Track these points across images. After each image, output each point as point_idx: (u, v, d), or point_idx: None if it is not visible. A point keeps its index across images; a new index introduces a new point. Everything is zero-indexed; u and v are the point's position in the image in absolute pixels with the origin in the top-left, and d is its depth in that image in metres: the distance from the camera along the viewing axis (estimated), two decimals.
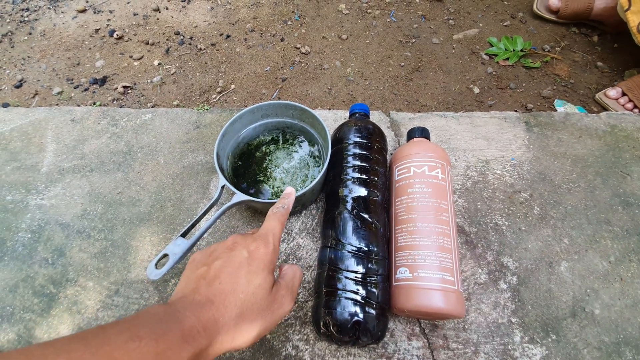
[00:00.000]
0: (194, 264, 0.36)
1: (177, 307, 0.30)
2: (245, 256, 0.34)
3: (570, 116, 0.67)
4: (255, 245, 0.35)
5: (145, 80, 0.89)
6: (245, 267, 0.33)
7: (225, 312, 0.30)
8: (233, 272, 0.33)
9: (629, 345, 0.47)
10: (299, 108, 0.56)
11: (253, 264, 0.33)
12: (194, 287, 0.32)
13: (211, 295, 0.31)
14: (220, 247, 0.36)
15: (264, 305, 0.33)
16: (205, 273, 0.33)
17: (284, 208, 0.41)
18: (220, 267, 0.33)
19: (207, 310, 0.30)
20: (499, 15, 1.00)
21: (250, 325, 0.31)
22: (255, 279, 0.33)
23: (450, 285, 0.42)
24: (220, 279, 0.32)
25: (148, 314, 0.28)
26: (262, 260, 0.34)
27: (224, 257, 0.34)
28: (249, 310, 0.32)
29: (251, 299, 0.32)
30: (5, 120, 0.71)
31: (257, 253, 0.34)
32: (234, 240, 0.36)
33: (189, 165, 0.63)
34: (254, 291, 0.32)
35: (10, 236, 0.58)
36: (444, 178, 0.49)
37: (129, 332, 0.25)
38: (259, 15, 1.01)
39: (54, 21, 1.02)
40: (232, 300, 0.31)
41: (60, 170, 0.64)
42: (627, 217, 0.56)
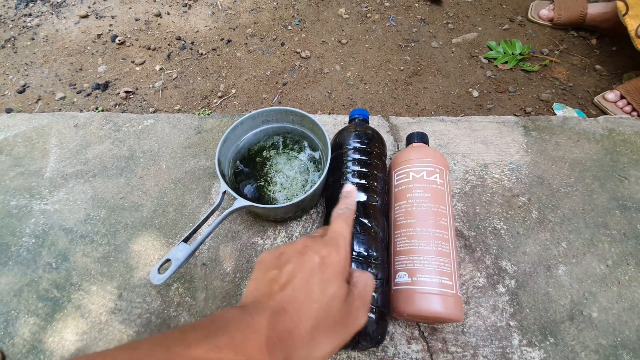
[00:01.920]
0: (262, 265, 0.34)
1: (252, 312, 0.28)
2: (317, 262, 0.32)
3: (568, 120, 0.67)
4: (327, 250, 0.33)
5: (147, 85, 0.90)
6: (319, 274, 0.31)
7: (300, 323, 0.28)
8: (306, 279, 0.30)
9: (626, 348, 0.47)
10: (299, 114, 0.56)
11: (326, 271, 0.31)
12: (266, 292, 0.31)
13: (285, 303, 0.29)
14: (289, 249, 0.34)
15: (339, 317, 0.30)
16: (276, 277, 0.31)
17: (348, 209, 0.39)
18: (293, 272, 0.31)
19: (282, 320, 0.28)
20: (497, 19, 1.01)
21: (325, 339, 0.29)
22: (330, 287, 0.30)
23: (449, 289, 0.43)
24: (293, 284, 0.30)
25: (224, 319, 0.27)
26: (336, 267, 0.32)
27: (295, 261, 0.32)
28: (324, 322, 0.29)
29: (326, 309, 0.29)
30: (9, 126, 0.72)
31: (330, 259, 0.32)
32: (304, 243, 0.34)
33: (191, 170, 0.64)
34: (328, 301, 0.30)
35: (15, 241, 0.59)
36: (442, 183, 0.50)
37: (208, 342, 0.24)
38: (260, 20, 1.02)
39: (57, 27, 1.03)
40: (307, 311, 0.29)
41: (63, 175, 0.64)
42: (624, 221, 0.56)
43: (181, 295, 0.52)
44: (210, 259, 0.55)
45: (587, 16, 0.94)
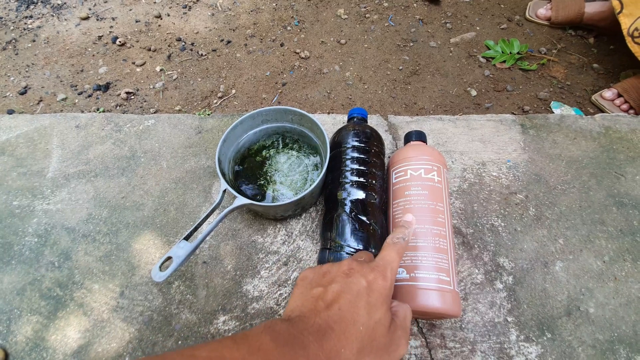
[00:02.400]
0: (306, 281, 0.34)
1: (299, 328, 0.28)
2: (364, 285, 0.31)
3: (565, 118, 0.68)
4: (373, 275, 0.32)
5: (148, 86, 0.90)
6: (365, 298, 0.31)
7: (346, 344, 0.28)
8: (352, 301, 0.30)
9: (623, 343, 0.48)
10: (298, 113, 0.57)
11: (372, 296, 0.31)
12: (311, 308, 0.30)
13: (331, 322, 0.29)
14: (334, 269, 0.34)
15: (383, 344, 0.30)
16: (322, 294, 0.31)
17: (404, 240, 0.39)
18: (339, 292, 0.31)
19: (328, 339, 0.28)
20: (495, 18, 1.02)
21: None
22: (376, 313, 0.30)
23: (447, 285, 0.43)
24: (339, 304, 0.30)
25: (273, 331, 0.27)
26: (381, 294, 0.32)
27: (340, 281, 0.32)
28: (369, 347, 0.29)
29: (371, 334, 0.29)
30: (11, 127, 0.72)
31: (376, 285, 0.32)
32: (349, 265, 0.34)
33: (191, 169, 0.64)
34: (374, 326, 0.30)
35: (18, 240, 0.59)
36: (440, 180, 0.50)
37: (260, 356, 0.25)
38: (259, 21, 1.03)
39: (58, 28, 1.04)
40: (353, 332, 0.29)
41: (65, 175, 0.65)
42: (621, 218, 0.57)
43: (182, 293, 0.53)
44: (210, 257, 0.56)
45: (585, 15, 0.94)
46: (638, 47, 0.78)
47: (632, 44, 0.79)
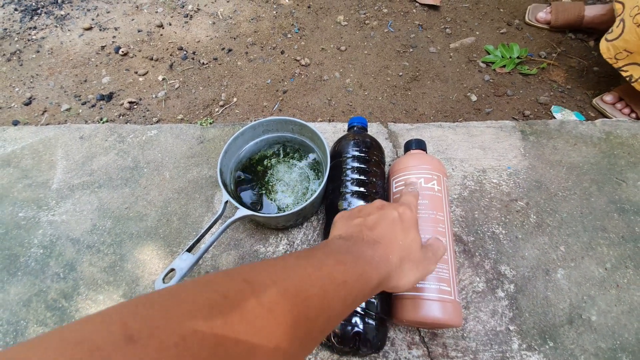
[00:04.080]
0: (344, 217, 0.40)
1: (352, 242, 0.35)
2: (396, 215, 0.38)
3: (565, 124, 0.68)
4: (402, 208, 0.39)
5: (150, 95, 0.91)
6: (399, 224, 0.37)
7: (391, 252, 0.34)
8: (389, 225, 0.37)
9: (625, 351, 0.48)
10: (298, 123, 0.58)
11: (405, 222, 0.38)
12: (358, 231, 0.36)
13: (377, 238, 0.35)
14: (368, 207, 0.40)
15: (417, 257, 0.37)
16: (363, 222, 0.37)
17: (416, 190, 0.48)
18: (377, 220, 0.37)
19: (378, 248, 0.34)
20: (495, 23, 1.02)
21: (409, 270, 0.35)
22: (409, 234, 0.37)
23: (447, 295, 0.44)
24: (379, 227, 0.36)
25: (335, 245, 0.34)
26: (411, 221, 0.38)
27: (376, 213, 0.38)
28: (407, 257, 0.36)
29: (408, 248, 0.36)
30: (17, 139, 0.73)
31: (405, 215, 0.38)
32: (380, 202, 0.40)
33: (194, 179, 0.65)
34: (410, 243, 0.36)
35: (24, 252, 0.60)
36: (440, 190, 0.51)
37: (334, 257, 0.30)
38: (260, 29, 1.04)
39: (61, 39, 1.05)
40: (395, 245, 0.35)
41: (70, 186, 0.66)
42: (622, 224, 0.57)
43: None
44: (213, 267, 0.56)
45: (585, 18, 0.94)
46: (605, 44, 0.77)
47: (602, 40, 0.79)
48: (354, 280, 0.29)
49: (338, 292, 0.27)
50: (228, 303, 0.21)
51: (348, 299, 0.28)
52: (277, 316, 0.22)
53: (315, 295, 0.25)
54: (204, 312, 0.19)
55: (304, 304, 0.24)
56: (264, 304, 0.22)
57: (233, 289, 0.22)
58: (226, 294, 0.21)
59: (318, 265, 0.28)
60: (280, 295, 0.23)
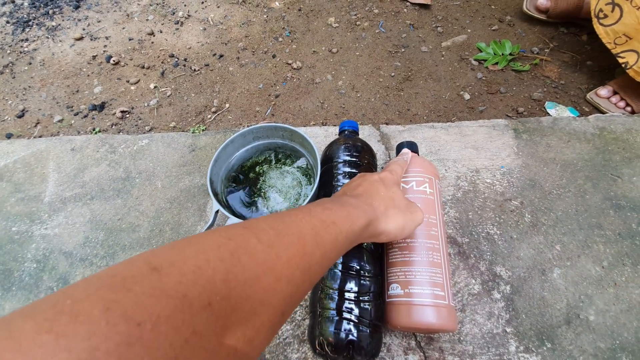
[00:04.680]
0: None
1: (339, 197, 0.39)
2: (377, 177, 0.43)
3: (558, 121, 0.67)
4: (384, 174, 0.44)
5: (143, 103, 0.91)
6: (380, 183, 0.42)
7: (374, 201, 0.39)
8: (371, 183, 0.42)
9: (625, 351, 0.47)
10: (288, 129, 0.57)
11: (385, 181, 0.43)
12: (341, 194, 0.42)
13: (359, 192, 0.40)
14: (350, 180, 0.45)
15: (403, 205, 0.41)
16: (346, 187, 0.43)
17: (403, 159, 0.51)
18: (358, 183, 0.42)
19: (361, 198, 0.39)
20: (486, 20, 1.01)
21: (395, 215, 0.39)
22: (391, 188, 0.42)
23: (441, 300, 0.43)
24: (362, 186, 0.41)
25: (320, 200, 0.37)
26: (392, 180, 0.43)
27: (357, 180, 0.43)
28: (392, 204, 0.40)
29: (391, 197, 0.40)
30: (9, 153, 0.73)
31: (386, 178, 0.43)
32: (362, 173, 0.46)
33: (186, 188, 0.65)
34: (392, 195, 0.41)
35: (17, 266, 0.60)
36: (432, 192, 0.50)
37: (321, 206, 0.34)
38: (251, 34, 1.03)
39: (53, 50, 1.05)
40: (377, 196, 0.40)
41: (62, 199, 0.66)
42: (619, 221, 0.56)
43: None
44: None
45: (583, 8, 0.92)
46: (602, 29, 0.77)
47: (597, 25, 0.78)
48: (342, 220, 0.33)
49: (328, 231, 0.31)
50: (233, 242, 0.24)
51: (339, 237, 0.31)
52: (277, 251, 0.25)
53: (308, 234, 0.29)
54: (213, 248, 0.23)
55: (299, 242, 0.28)
56: (264, 242, 0.25)
57: (236, 233, 0.25)
58: (230, 236, 0.24)
59: (307, 212, 0.32)
60: (277, 234, 0.27)
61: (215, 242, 0.23)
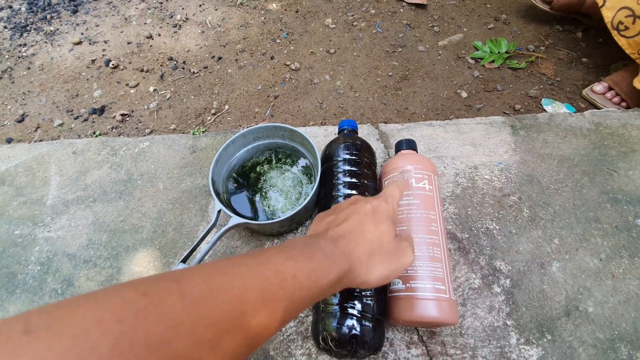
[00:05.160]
0: (319, 217, 0.40)
1: (314, 239, 0.34)
2: (369, 208, 0.37)
3: (554, 117, 0.68)
4: (377, 201, 0.38)
5: (142, 106, 0.92)
6: (371, 216, 0.36)
7: (356, 246, 0.34)
8: (359, 218, 0.36)
9: (624, 341, 0.48)
10: (288, 129, 0.58)
11: (377, 214, 0.37)
12: (324, 229, 0.36)
13: (342, 233, 0.35)
14: (342, 203, 0.40)
15: (390, 249, 0.36)
16: (333, 219, 0.37)
17: (404, 179, 0.46)
18: (347, 214, 0.37)
19: (340, 242, 0.33)
20: (482, 18, 1.02)
21: (379, 263, 0.34)
22: (381, 225, 0.36)
23: (442, 294, 0.44)
24: (348, 222, 0.36)
25: (292, 242, 0.33)
26: (384, 213, 0.37)
27: (348, 207, 0.38)
28: (378, 249, 0.35)
29: (379, 240, 0.35)
30: (10, 157, 0.73)
31: (379, 207, 0.38)
32: (355, 197, 0.40)
33: (187, 189, 0.65)
34: (380, 234, 0.35)
35: (21, 269, 0.60)
36: (431, 189, 0.51)
37: (284, 253, 0.29)
38: (249, 36, 1.04)
39: (51, 55, 1.05)
40: (362, 238, 0.34)
41: (64, 202, 0.66)
42: (615, 214, 0.57)
43: None
44: None
45: (587, 2, 0.92)
46: (625, 40, 0.78)
47: (619, 37, 0.79)
48: (305, 275, 0.28)
49: (283, 286, 0.27)
50: (147, 299, 0.20)
51: (298, 293, 0.27)
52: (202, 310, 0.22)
53: (253, 289, 0.25)
54: (115, 306, 0.19)
55: (237, 299, 0.24)
56: (188, 299, 0.22)
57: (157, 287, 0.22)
58: (147, 291, 0.21)
59: (264, 261, 0.28)
60: (209, 290, 0.23)
61: (124, 298, 0.20)
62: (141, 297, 0.20)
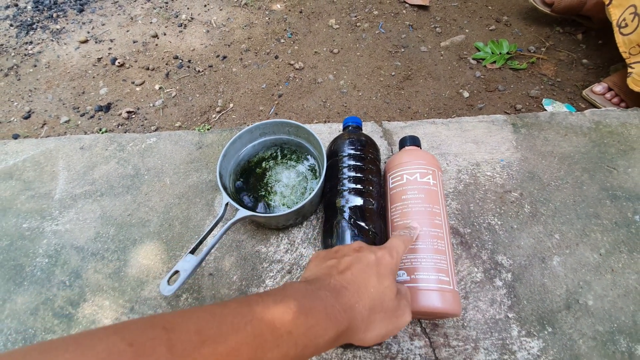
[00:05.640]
0: (319, 257, 0.38)
1: (316, 286, 0.32)
2: (373, 259, 0.36)
3: (555, 115, 0.69)
4: (381, 253, 0.37)
5: (148, 104, 0.93)
6: (375, 268, 0.35)
7: (359, 300, 0.32)
8: (363, 269, 0.35)
9: (622, 334, 0.49)
10: (294, 125, 0.59)
11: (381, 267, 0.36)
12: (326, 273, 0.34)
13: (345, 283, 0.33)
14: (345, 247, 0.38)
15: (391, 307, 0.34)
16: (336, 264, 0.35)
17: (409, 235, 0.44)
18: (351, 262, 0.35)
19: (343, 295, 0.32)
20: (484, 20, 1.04)
21: (380, 322, 0.33)
22: (384, 280, 0.35)
23: (446, 285, 0.45)
24: (351, 271, 0.34)
25: (293, 288, 0.31)
26: (388, 267, 0.36)
27: (352, 255, 0.36)
28: (379, 307, 0.33)
29: (381, 297, 0.34)
30: (18, 152, 0.74)
31: (384, 260, 0.36)
32: (359, 244, 0.39)
33: (194, 184, 0.66)
34: (383, 290, 0.34)
35: (29, 262, 0.61)
36: (435, 183, 0.52)
37: (284, 305, 0.28)
38: (253, 35, 1.05)
39: (58, 53, 1.06)
40: (365, 292, 0.33)
41: (72, 196, 0.67)
42: (615, 210, 0.58)
43: (190, 305, 0.54)
44: (216, 269, 0.57)
45: (586, 5, 0.93)
46: (621, 38, 0.79)
47: (618, 34, 0.80)
48: (302, 332, 0.27)
49: (278, 344, 0.26)
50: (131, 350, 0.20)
51: (292, 351, 0.26)
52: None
53: (246, 345, 0.24)
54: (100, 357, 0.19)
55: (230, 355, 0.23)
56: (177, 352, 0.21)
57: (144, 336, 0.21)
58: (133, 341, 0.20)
59: (261, 313, 0.27)
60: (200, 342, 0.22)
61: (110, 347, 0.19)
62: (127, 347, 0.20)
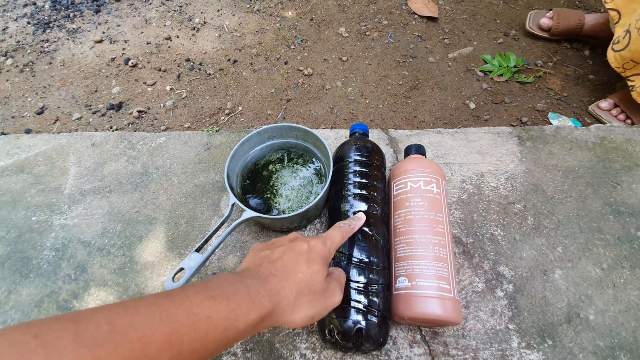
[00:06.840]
0: (256, 249, 0.40)
1: (244, 275, 0.34)
2: (305, 247, 0.38)
3: (560, 129, 0.70)
4: (314, 242, 0.40)
5: (159, 104, 0.94)
6: (305, 255, 0.38)
7: (286, 285, 0.34)
8: (294, 257, 0.37)
9: (623, 350, 0.49)
10: (302, 129, 0.60)
11: (312, 254, 0.38)
12: (258, 263, 0.37)
13: (274, 271, 0.35)
14: (281, 239, 0.41)
15: (320, 289, 0.37)
16: (269, 255, 0.38)
17: (349, 226, 0.47)
18: (283, 251, 0.38)
19: (269, 281, 0.34)
20: (492, 33, 1.05)
21: (307, 304, 0.35)
22: (314, 265, 0.37)
23: (447, 293, 0.45)
24: (282, 259, 0.37)
25: (219, 278, 0.33)
26: (319, 254, 0.39)
27: (286, 245, 0.39)
28: (307, 289, 0.36)
29: (309, 280, 0.36)
30: (30, 146, 0.76)
31: (316, 247, 0.39)
32: (295, 235, 0.41)
33: (201, 184, 0.67)
34: (312, 274, 0.36)
35: (36, 254, 0.62)
36: (439, 192, 0.53)
37: (204, 293, 0.29)
38: (264, 41, 1.07)
39: (73, 51, 1.09)
40: (293, 277, 0.35)
41: (81, 191, 0.68)
42: (618, 225, 0.58)
43: None
44: (220, 268, 0.58)
45: (585, 26, 0.95)
46: (612, 54, 0.80)
47: (610, 50, 0.81)
48: (222, 315, 0.28)
49: (196, 327, 0.26)
50: (36, 341, 0.20)
51: (212, 335, 0.27)
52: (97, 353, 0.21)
53: (159, 331, 0.25)
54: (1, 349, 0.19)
55: (139, 342, 0.23)
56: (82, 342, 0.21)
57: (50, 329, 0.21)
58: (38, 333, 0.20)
59: (180, 301, 0.28)
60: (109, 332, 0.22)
61: (13, 340, 0.20)
62: (31, 339, 0.20)
